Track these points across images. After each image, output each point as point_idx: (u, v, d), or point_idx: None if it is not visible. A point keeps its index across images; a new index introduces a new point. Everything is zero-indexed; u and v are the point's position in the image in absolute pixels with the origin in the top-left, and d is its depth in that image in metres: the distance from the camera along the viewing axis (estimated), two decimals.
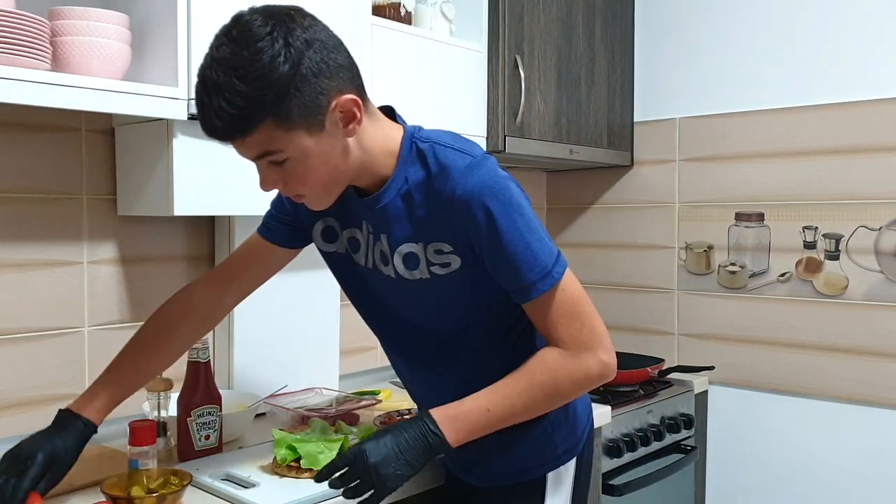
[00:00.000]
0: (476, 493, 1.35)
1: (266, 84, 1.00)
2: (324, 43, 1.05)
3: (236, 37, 1.01)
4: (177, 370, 1.66)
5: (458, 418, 1.14)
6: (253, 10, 1.04)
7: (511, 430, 1.21)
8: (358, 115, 1.09)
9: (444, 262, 1.18)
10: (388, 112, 1.22)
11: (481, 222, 1.11)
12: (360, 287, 1.32)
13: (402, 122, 1.22)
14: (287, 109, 1.02)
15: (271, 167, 1.09)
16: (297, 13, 1.05)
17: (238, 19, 1.03)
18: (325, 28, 1.08)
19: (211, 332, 1.80)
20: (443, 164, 1.14)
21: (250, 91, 1.00)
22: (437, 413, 1.15)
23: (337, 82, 1.06)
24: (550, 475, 1.30)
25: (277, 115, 1.02)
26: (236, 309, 1.76)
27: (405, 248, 1.19)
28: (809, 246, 2.24)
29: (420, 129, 1.21)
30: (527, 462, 1.30)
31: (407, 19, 1.93)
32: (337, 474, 1.13)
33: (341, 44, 1.10)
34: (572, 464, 1.33)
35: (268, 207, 1.40)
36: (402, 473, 1.12)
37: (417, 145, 1.17)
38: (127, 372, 1.31)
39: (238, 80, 1.00)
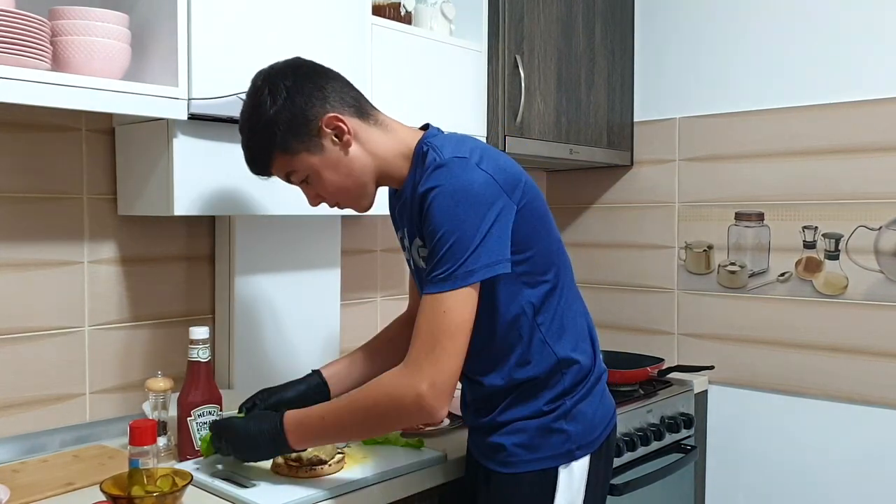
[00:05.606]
0: (494, 477, 1.38)
1: (261, 127, 1.25)
2: (305, 81, 1.25)
3: (246, 96, 1.29)
4: (177, 370, 1.67)
5: (301, 424, 1.28)
6: (258, 72, 1.29)
7: (526, 419, 1.33)
8: (344, 128, 1.26)
9: (426, 256, 1.27)
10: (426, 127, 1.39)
11: (424, 215, 1.22)
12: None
13: (433, 130, 1.35)
14: (284, 141, 1.25)
15: (304, 186, 1.32)
16: (288, 65, 1.28)
17: (251, 82, 1.29)
18: (315, 67, 1.29)
19: (211, 332, 1.80)
20: (425, 164, 1.27)
21: (255, 136, 1.27)
22: (289, 417, 1.29)
23: (321, 108, 1.25)
24: (563, 469, 1.33)
25: (279, 146, 1.26)
26: (236, 309, 1.78)
27: (417, 241, 1.31)
28: (809, 246, 2.24)
29: (436, 133, 1.34)
30: (540, 452, 1.33)
31: (407, 19, 1.93)
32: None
33: (328, 74, 1.29)
34: (586, 461, 1.35)
35: (267, 207, 1.41)
36: (247, 456, 1.33)
37: (423, 148, 1.30)
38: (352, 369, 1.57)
39: (248, 130, 1.28)
